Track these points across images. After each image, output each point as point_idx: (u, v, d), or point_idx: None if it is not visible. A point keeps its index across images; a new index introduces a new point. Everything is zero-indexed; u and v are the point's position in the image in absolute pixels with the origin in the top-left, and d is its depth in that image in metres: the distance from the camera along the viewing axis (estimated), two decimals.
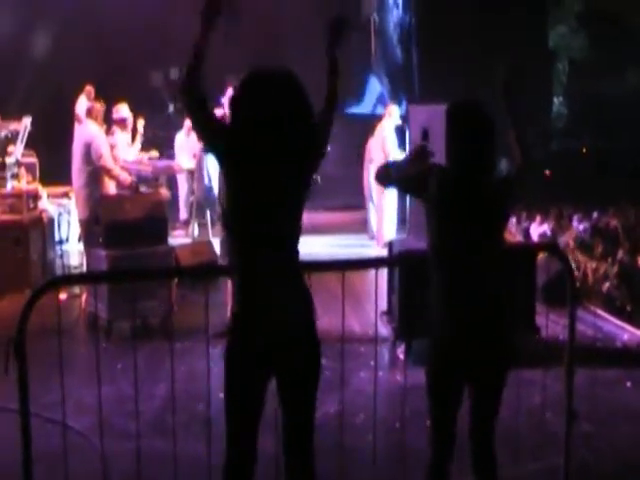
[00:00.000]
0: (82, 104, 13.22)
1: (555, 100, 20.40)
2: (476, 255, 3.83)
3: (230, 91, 7.45)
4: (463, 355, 3.85)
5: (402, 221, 12.78)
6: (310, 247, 13.34)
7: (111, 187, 9.70)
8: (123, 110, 11.20)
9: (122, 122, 11.27)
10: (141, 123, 12.45)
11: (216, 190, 9.96)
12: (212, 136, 3.51)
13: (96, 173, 9.45)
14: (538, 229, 13.03)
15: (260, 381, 3.54)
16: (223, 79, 10.45)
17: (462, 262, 3.82)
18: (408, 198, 8.58)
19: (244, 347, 3.49)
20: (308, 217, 3.62)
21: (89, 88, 13.46)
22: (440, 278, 3.88)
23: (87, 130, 9.60)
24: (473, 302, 3.81)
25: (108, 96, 11.11)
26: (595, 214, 13.23)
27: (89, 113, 9.77)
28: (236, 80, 3.62)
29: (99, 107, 9.83)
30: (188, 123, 15.70)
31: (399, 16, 17.68)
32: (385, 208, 13.57)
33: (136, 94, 14.21)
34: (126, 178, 9.55)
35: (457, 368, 3.90)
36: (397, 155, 12.71)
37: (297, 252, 3.56)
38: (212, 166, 13.40)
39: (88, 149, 9.41)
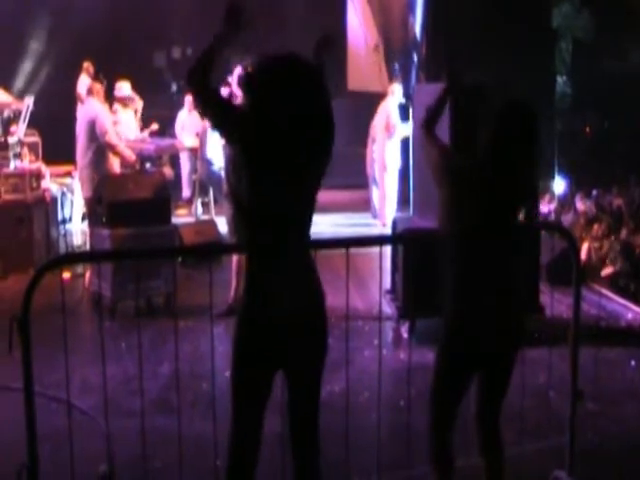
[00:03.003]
0: (83, 83, 13.22)
1: (559, 80, 20.27)
2: (498, 238, 3.80)
3: (239, 70, 7.39)
4: (480, 338, 3.82)
5: (403, 201, 12.78)
6: (314, 225, 13.40)
7: (115, 165, 9.68)
8: (125, 88, 11.16)
9: (124, 100, 11.24)
10: (139, 104, 12.38)
11: (219, 167, 9.92)
12: (228, 124, 3.44)
13: (101, 150, 9.43)
14: (542, 209, 13.02)
15: (269, 371, 3.52)
16: (228, 59, 10.41)
17: (484, 245, 3.79)
18: (411, 177, 8.55)
19: (255, 334, 3.46)
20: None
21: (87, 64, 13.45)
22: (459, 262, 3.84)
23: (91, 107, 9.57)
24: (493, 285, 3.79)
25: (110, 75, 11.08)
26: (594, 192, 13.20)
27: (90, 92, 9.75)
28: (243, 61, 3.58)
29: (99, 86, 9.80)
30: (190, 100, 15.68)
31: None
32: (388, 187, 13.57)
33: (139, 73, 14.16)
34: (131, 155, 9.54)
35: (474, 351, 3.87)
36: (403, 129, 12.73)
37: (309, 234, 3.54)
38: (215, 143, 13.35)
39: (92, 126, 9.39)
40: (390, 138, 13.27)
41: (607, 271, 9.58)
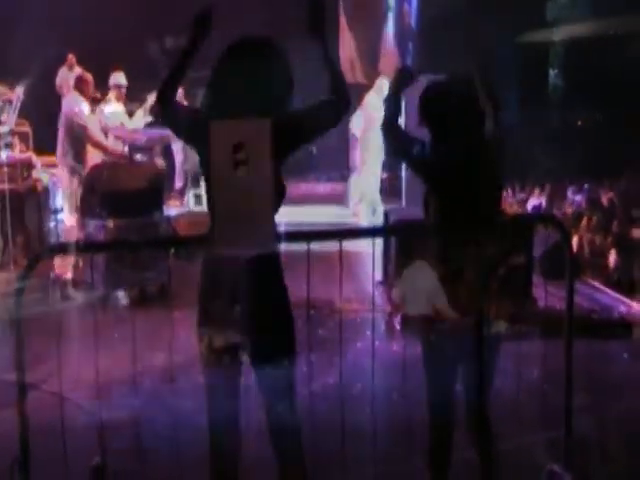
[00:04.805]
0: (62, 75, 13.19)
1: (551, 72, 20.26)
2: (476, 220, 3.79)
3: None
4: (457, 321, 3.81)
5: (394, 193, 12.79)
6: (305, 217, 13.42)
7: (95, 157, 9.61)
8: (119, 77, 11.14)
9: (117, 88, 11.20)
10: (148, 102, 12.33)
11: None
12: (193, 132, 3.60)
13: (77, 144, 9.35)
14: (533, 202, 13.05)
15: (232, 366, 3.56)
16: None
17: (463, 228, 3.79)
18: (403, 168, 8.56)
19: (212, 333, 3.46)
20: (295, 188, 3.59)
21: (71, 56, 13.42)
22: (436, 248, 3.84)
23: (70, 102, 9.51)
24: (471, 268, 3.79)
25: (104, 66, 11.03)
26: (586, 185, 13.23)
27: (78, 82, 9.65)
28: None
29: (89, 76, 9.72)
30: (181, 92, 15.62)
31: None
32: (366, 180, 13.50)
33: (132, 64, 14.09)
34: (115, 148, 9.47)
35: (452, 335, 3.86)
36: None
37: (273, 232, 3.54)
38: None
39: (70, 121, 9.32)
40: (371, 131, 13.12)
41: (601, 264, 9.60)
